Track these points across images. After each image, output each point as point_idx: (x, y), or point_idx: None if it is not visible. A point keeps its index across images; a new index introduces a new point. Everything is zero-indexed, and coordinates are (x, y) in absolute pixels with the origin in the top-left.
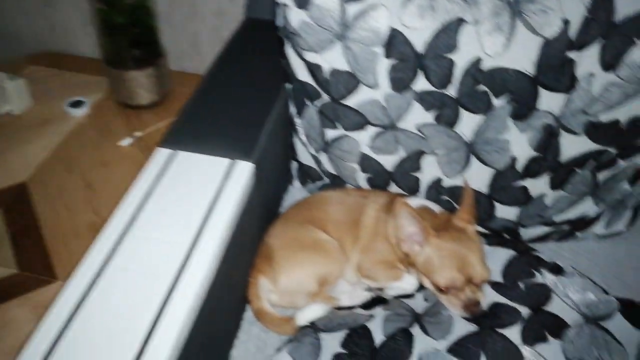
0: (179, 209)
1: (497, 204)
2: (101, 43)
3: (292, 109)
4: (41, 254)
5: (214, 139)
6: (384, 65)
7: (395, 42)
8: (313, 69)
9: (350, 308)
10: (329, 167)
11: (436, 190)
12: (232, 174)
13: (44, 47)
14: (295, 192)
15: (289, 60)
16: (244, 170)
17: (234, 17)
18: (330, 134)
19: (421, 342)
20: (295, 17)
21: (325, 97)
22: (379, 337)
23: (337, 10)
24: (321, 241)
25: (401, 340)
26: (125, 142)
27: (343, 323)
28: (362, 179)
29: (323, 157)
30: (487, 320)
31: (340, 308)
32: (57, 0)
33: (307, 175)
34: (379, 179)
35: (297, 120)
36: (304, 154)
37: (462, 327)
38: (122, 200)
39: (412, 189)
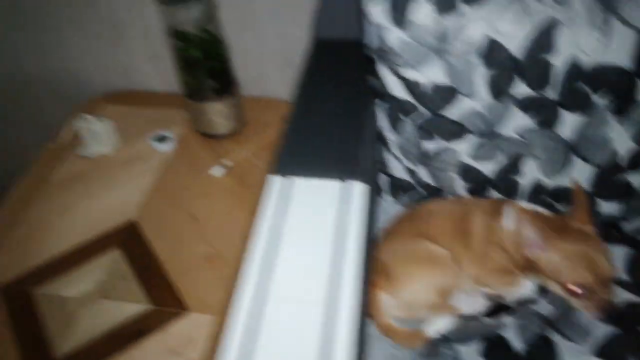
0: (310, 234)
1: (598, 200)
2: (181, 78)
3: (384, 125)
4: (168, 288)
5: (320, 161)
6: (481, 74)
7: (492, 50)
8: (410, 85)
9: (474, 317)
10: (426, 178)
11: (536, 192)
12: (348, 196)
13: (112, 87)
14: (387, 205)
15: (381, 78)
16: (359, 192)
17: (296, 38)
18: (428, 146)
19: (564, 347)
20: (393, 36)
21: (422, 111)
22: (518, 346)
23: (435, 25)
24: (435, 253)
25: (543, 347)
26: (217, 171)
27: (474, 333)
28: (460, 187)
29: (420, 169)
30: (630, 322)
31: (464, 317)
32: (125, 41)
33: (400, 187)
34: (478, 186)
35: (390, 135)
36: (397, 168)
37: (602, 329)
38: (253, 229)
39: (511, 192)
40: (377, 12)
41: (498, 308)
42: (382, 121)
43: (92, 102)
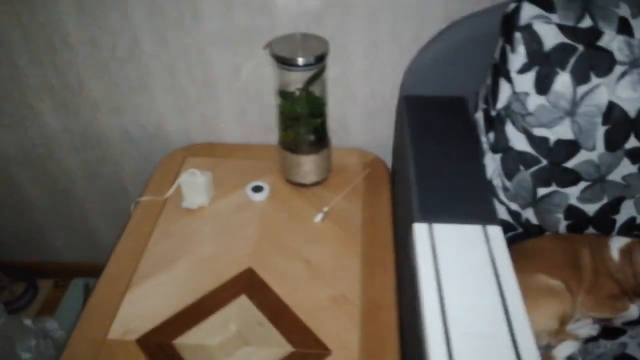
0: (470, 276)
1: None
2: (282, 133)
3: (494, 173)
4: (304, 330)
5: (457, 208)
6: (601, 131)
7: (612, 112)
8: (537, 140)
9: (593, 339)
10: (531, 219)
11: (629, 228)
12: (490, 239)
13: (190, 141)
14: None
15: (505, 135)
16: (499, 234)
17: (380, 94)
18: (542, 191)
19: None
20: (533, 101)
21: (544, 163)
22: None
23: (570, 92)
24: (552, 285)
25: None
26: (318, 218)
27: (601, 354)
28: (562, 226)
29: (527, 212)
30: None
31: (585, 341)
32: (214, 98)
33: None
34: (578, 224)
35: (499, 183)
36: (500, 211)
37: None
38: (419, 274)
39: (607, 229)
40: (523, 82)
41: (608, 330)
42: (490, 170)
43: (174, 155)
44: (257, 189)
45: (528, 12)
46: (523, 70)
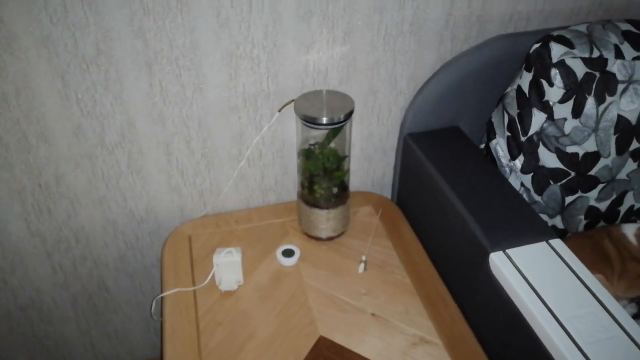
0: (565, 289)
1: None
2: (308, 190)
3: (524, 189)
4: None
5: (514, 230)
6: (613, 139)
7: (620, 123)
8: (568, 156)
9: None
10: (558, 225)
11: (628, 215)
12: (558, 252)
13: (187, 216)
14: None
15: (537, 156)
16: (562, 245)
17: (379, 136)
18: (569, 199)
19: None
20: (569, 125)
21: (572, 174)
22: None
23: (594, 112)
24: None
25: None
26: (361, 268)
27: None
28: (582, 225)
29: (556, 220)
30: None
31: None
32: (212, 169)
33: None
34: (594, 221)
35: (528, 198)
36: None
37: None
38: (521, 297)
39: (613, 219)
40: (563, 110)
41: None
42: (527, 188)
43: (177, 236)
44: (288, 253)
45: (557, 50)
46: (563, 100)
